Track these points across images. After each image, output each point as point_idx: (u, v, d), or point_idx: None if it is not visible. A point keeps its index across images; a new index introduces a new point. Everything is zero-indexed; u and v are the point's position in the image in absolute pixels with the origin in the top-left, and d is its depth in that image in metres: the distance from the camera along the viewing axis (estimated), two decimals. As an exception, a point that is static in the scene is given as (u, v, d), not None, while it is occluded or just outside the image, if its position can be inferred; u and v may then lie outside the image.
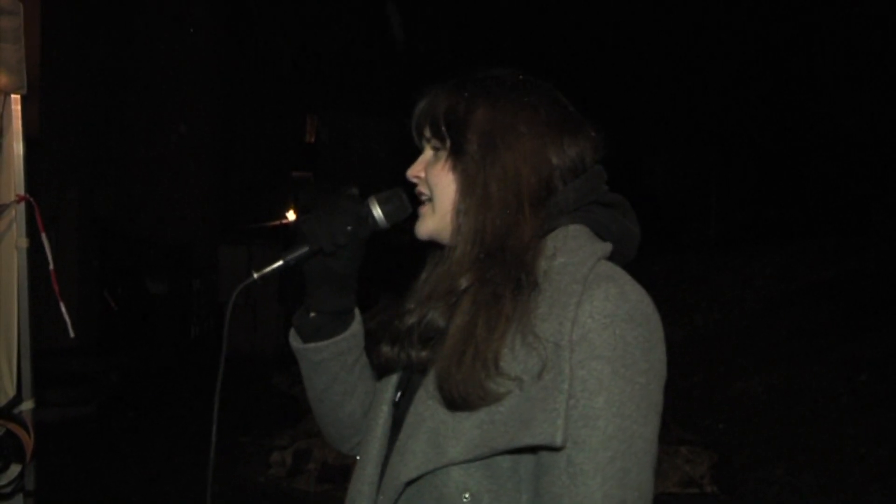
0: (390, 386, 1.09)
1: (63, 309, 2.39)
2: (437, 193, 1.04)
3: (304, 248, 1.07)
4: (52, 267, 2.39)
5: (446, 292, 0.98)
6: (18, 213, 2.46)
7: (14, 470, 2.38)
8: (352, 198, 1.09)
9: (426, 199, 1.07)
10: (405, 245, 1.18)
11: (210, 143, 14.61)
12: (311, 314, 1.13)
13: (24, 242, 2.46)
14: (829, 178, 12.00)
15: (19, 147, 2.47)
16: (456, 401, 0.91)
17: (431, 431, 0.94)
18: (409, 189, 1.11)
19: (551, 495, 0.88)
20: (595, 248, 0.97)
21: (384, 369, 1.09)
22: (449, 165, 1.02)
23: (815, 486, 4.87)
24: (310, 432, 6.01)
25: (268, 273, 1.10)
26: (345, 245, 1.07)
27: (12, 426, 2.34)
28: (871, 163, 11.20)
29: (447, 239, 1.03)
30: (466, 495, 0.91)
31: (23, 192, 2.46)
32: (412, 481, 0.95)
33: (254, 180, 18.39)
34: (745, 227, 12.98)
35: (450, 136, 1.02)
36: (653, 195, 14.53)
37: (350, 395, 1.18)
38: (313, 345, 1.13)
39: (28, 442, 2.36)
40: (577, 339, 0.88)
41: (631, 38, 14.71)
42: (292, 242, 1.09)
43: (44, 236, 2.40)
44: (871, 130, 11.23)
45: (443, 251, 1.05)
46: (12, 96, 2.45)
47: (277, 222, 16.79)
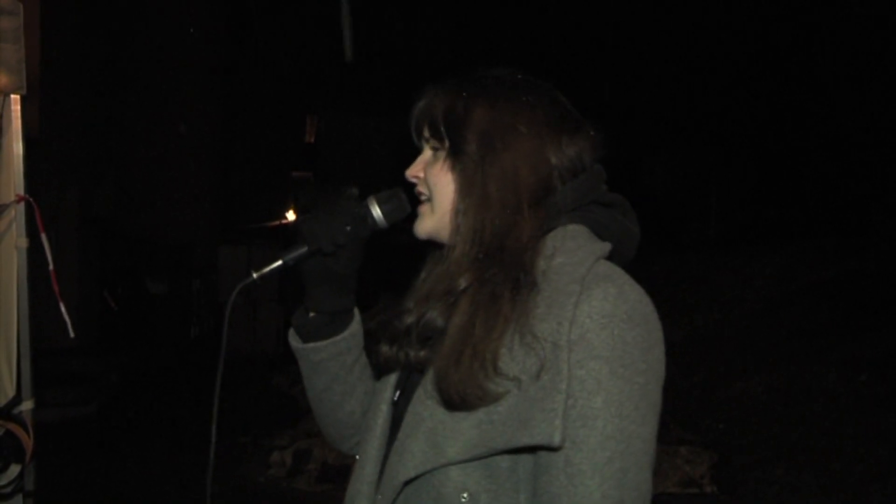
0: (389, 385, 1.09)
1: (63, 309, 2.39)
2: (435, 193, 1.04)
3: (304, 247, 1.07)
4: (51, 267, 2.39)
5: (445, 292, 0.98)
6: (18, 213, 2.46)
7: (14, 470, 2.38)
8: (351, 198, 1.09)
9: (425, 198, 1.07)
10: (405, 245, 1.18)
11: (210, 143, 14.62)
12: (310, 314, 1.13)
13: (24, 242, 2.46)
14: (829, 178, 11.99)
15: (19, 147, 2.46)
16: (454, 401, 0.91)
17: (430, 431, 0.94)
18: (409, 189, 1.11)
19: (549, 495, 0.88)
20: (594, 248, 0.96)
21: (383, 369, 1.09)
22: (448, 165, 1.02)
23: (815, 486, 4.87)
24: (310, 432, 6.00)
25: (267, 273, 1.10)
26: (344, 245, 1.07)
27: (12, 426, 2.34)
28: (871, 163, 11.19)
29: (446, 238, 1.03)
30: (465, 495, 0.91)
31: (22, 192, 2.45)
32: (410, 481, 0.95)
33: (254, 180, 18.39)
34: (745, 227, 12.97)
35: (448, 136, 1.02)
36: (653, 195, 14.51)
37: (349, 394, 1.18)
38: (312, 345, 1.14)
39: (28, 442, 2.35)
40: (576, 339, 0.88)
41: (631, 38, 14.71)
42: (292, 242, 1.09)
43: (43, 236, 2.40)
44: (871, 130, 11.22)
45: (442, 251, 1.05)
46: (12, 96, 2.45)
47: (277, 222, 16.78)
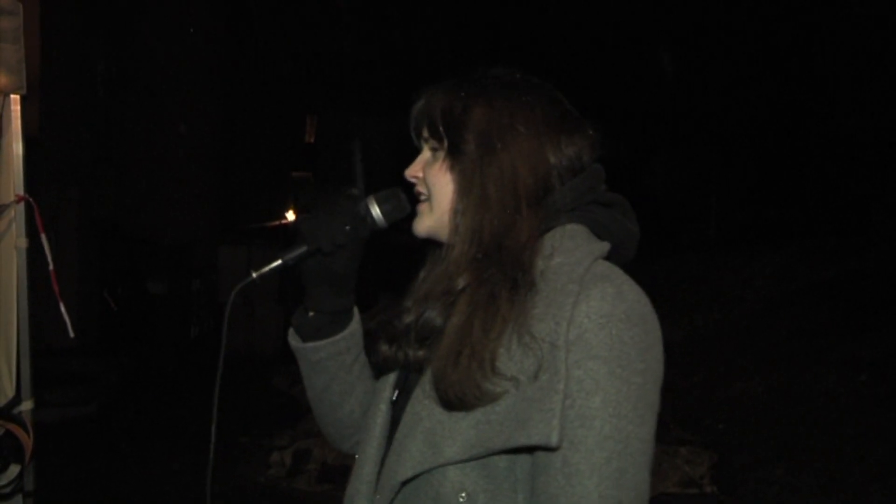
0: (388, 385, 1.09)
1: (63, 309, 2.38)
2: (434, 193, 1.04)
3: (303, 247, 1.07)
4: (51, 267, 2.39)
5: (443, 292, 0.98)
6: (18, 213, 2.45)
7: (13, 470, 2.37)
8: (351, 197, 1.09)
9: (424, 198, 1.07)
10: (404, 245, 1.18)
11: (210, 143, 14.61)
12: (309, 313, 1.14)
13: (24, 242, 2.46)
14: (829, 178, 11.99)
15: (19, 147, 2.46)
16: (452, 401, 0.91)
17: (428, 431, 0.93)
18: (408, 189, 1.10)
19: (547, 496, 0.87)
20: (592, 248, 0.96)
21: (382, 368, 1.09)
22: (446, 165, 1.02)
23: (815, 486, 4.86)
24: (309, 432, 6.00)
25: (267, 273, 1.10)
26: (343, 245, 1.07)
27: (11, 426, 2.34)
28: (871, 163, 11.19)
29: (445, 237, 1.03)
30: (463, 495, 0.91)
31: (22, 193, 2.45)
32: (408, 481, 0.95)
33: (254, 180, 18.39)
34: (745, 227, 12.96)
35: (447, 136, 1.02)
36: (653, 195, 14.52)
37: (349, 394, 1.18)
38: (312, 344, 1.14)
39: (27, 442, 2.35)
40: (574, 339, 0.88)
41: (631, 38, 14.70)
42: (292, 242, 1.09)
43: (43, 237, 2.40)
44: (871, 130, 11.22)
45: (441, 250, 1.05)
46: (12, 96, 2.45)
47: (277, 222, 16.77)
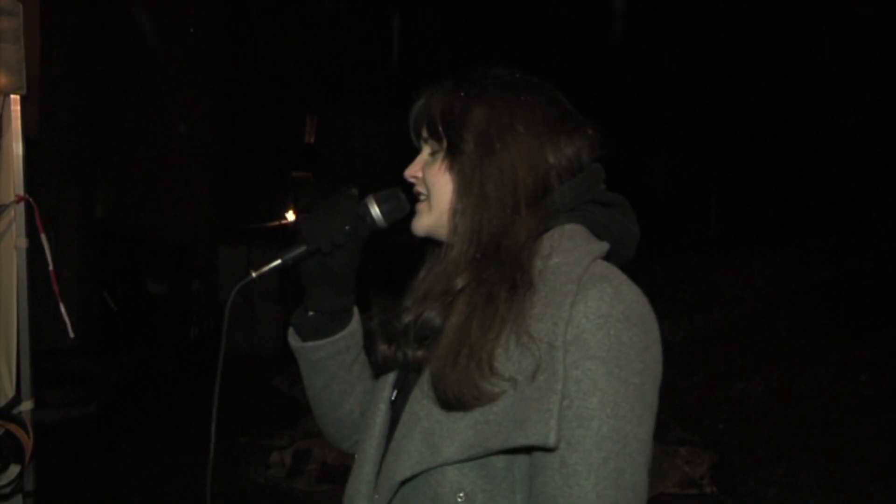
0: (388, 385, 1.09)
1: (63, 309, 2.38)
2: (434, 193, 1.04)
3: (303, 247, 1.08)
4: (51, 267, 2.39)
5: (442, 292, 0.98)
6: (18, 213, 2.45)
7: (13, 470, 2.37)
8: (350, 197, 1.10)
9: (423, 198, 1.07)
10: (404, 245, 1.18)
11: (210, 143, 14.61)
12: (309, 313, 1.14)
13: (24, 243, 2.46)
14: (829, 178, 11.99)
15: (19, 147, 2.46)
16: (450, 401, 0.91)
17: (426, 431, 0.94)
18: (408, 189, 1.10)
19: (545, 496, 0.88)
20: (591, 248, 0.96)
21: (381, 368, 1.09)
22: (446, 166, 1.02)
23: (815, 486, 4.86)
24: (309, 432, 6.00)
25: (266, 272, 1.10)
26: (343, 245, 1.07)
27: (11, 427, 2.34)
28: (871, 163, 11.19)
29: (443, 236, 1.03)
30: (461, 495, 0.91)
31: (22, 193, 2.45)
32: (407, 480, 0.95)
33: (254, 180, 18.39)
34: (745, 227, 12.96)
35: (446, 136, 1.02)
36: (653, 195, 14.52)
37: (349, 393, 1.18)
38: (311, 343, 1.14)
39: (27, 442, 2.35)
40: (572, 340, 0.88)
41: (631, 38, 14.71)
42: (291, 242, 1.09)
43: (43, 237, 2.40)
44: (871, 130, 11.22)
45: (441, 249, 1.05)
46: (12, 96, 2.45)
47: (277, 222, 16.77)
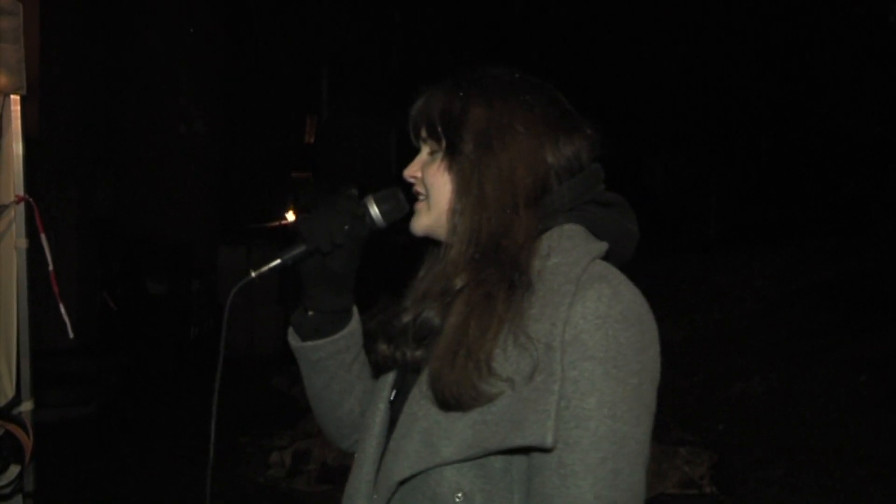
0: (387, 384, 1.09)
1: (62, 309, 2.38)
2: (433, 193, 1.04)
3: (302, 247, 1.08)
4: (51, 267, 2.39)
5: (441, 292, 0.98)
6: (18, 213, 2.46)
7: (13, 471, 2.37)
8: (349, 197, 1.10)
9: (423, 198, 1.07)
10: (404, 245, 1.18)
11: (210, 144, 14.60)
12: (309, 313, 1.14)
13: (24, 243, 2.46)
14: (829, 178, 11.99)
15: (19, 147, 2.46)
16: (448, 401, 0.91)
17: (425, 431, 0.94)
18: (407, 189, 1.10)
19: (543, 496, 0.88)
20: (590, 248, 0.96)
21: (381, 368, 1.09)
22: (444, 166, 1.02)
23: (815, 486, 4.86)
24: (309, 433, 6.00)
25: (265, 272, 1.10)
26: (342, 244, 1.07)
27: (11, 427, 2.34)
28: (871, 163, 11.20)
29: (442, 236, 1.03)
30: (459, 495, 0.91)
31: (22, 193, 2.45)
32: (405, 480, 0.95)
33: (254, 180, 18.38)
34: (745, 228, 12.95)
35: (445, 136, 1.02)
36: (653, 195, 14.52)
37: (348, 393, 1.18)
38: (311, 343, 1.14)
39: (27, 443, 2.35)
40: (569, 340, 0.88)
41: (631, 39, 14.71)
42: (291, 242, 1.10)
43: (43, 237, 2.40)
44: (871, 130, 11.22)
45: (439, 249, 1.05)
46: (12, 96, 2.45)
47: (277, 223, 16.77)
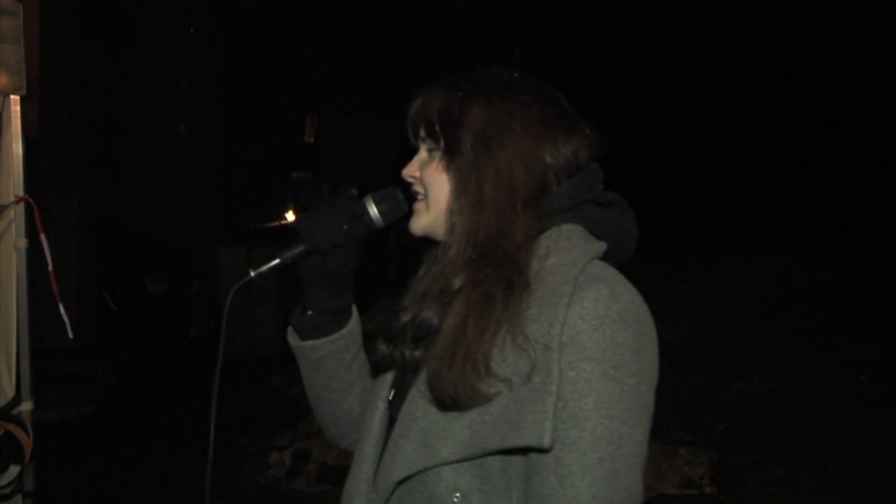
0: (386, 384, 1.09)
1: (62, 309, 2.38)
2: (431, 193, 1.04)
3: (301, 246, 1.08)
4: (51, 267, 2.39)
5: (440, 292, 0.98)
6: (18, 213, 2.45)
7: (13, 471, 2.37)
8: (348, 197, 1.10)
9: (421, 198, 1.07)
10: (405, 245, 1.18)
11: (210, 143, 14.62)
12: (308, 312, 1.14)
13: (24, 243, 2.46)
14: (829, 178, 11.99)
15: (19, 147, 2.46)
16: (446, 401, 0.91)
17: (423, 431, 0.94)
18: (406, 188, 1.10)
19: (540, 496, 0.88)
20: (588, 248, 0.96)
21: (380, 367, 1.09)
22: (443, 165, 1.02)
23: (815, 486, 4.86)
24: (309, 433, 6.01)
25: (265, 271, 1.10)
26: (341, 244, 1.07)
27: (11, 427, 2.34)
28: (871, 163, 11.20)
29: (441, 235, 1.03)
30: (457, 495, 0.91)
31: (22, 193, 2.45)
32: (404, 480, 0.95)
33: (254, 180, 18.40)
34: (745, 228, 12.96)
35: (444, 136, 1.02)
36: (653, 195, 14.52)
37: (348, 392, 1.18)
38: (310, 342, 1.14)
39: (27, 443, 2.35)
40: (567, 341, 0.88)
41: (631, 38, 14.70)
42: (290, 241, 1.10)
43: (43, 237, 2.39)
44: (871, 130, 11.22)
45: (438, 249, 1.05)
46: (12, 97, 2.45)
47: (277, 223, 16.78)
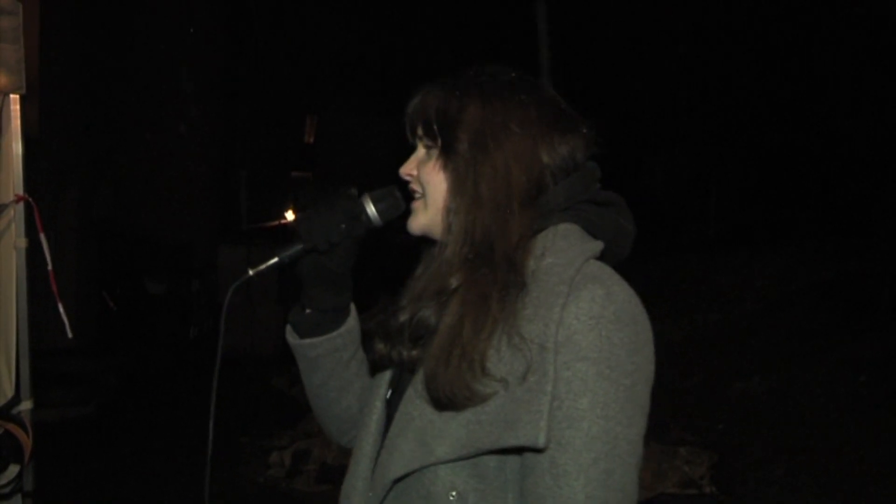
0: (384, 382, 1.10)
1: (61, 309, 2.38)
2: (429, 191, 1.04)
3: (299, 245, 1.08)
4: (50, 267, 2.39)
5: (437, 291, 0.98)
6: (17, 213, 2.46)
7: (13, 470, 2.37)
8: (347, 196, 1.10)
9: (419, 196, 1.07)
10: (404, 244, 1.18)
11: (210, 143, 14.61)
12: (306, 311, 1.14)
13: (23, 242, 2.46)
14: (829, 178, 11.99)
15: (18, 147, 2.46)
16: (443, 401, 0.91)
17: (419, 430, 0.94)
18: (404, 187, 1.10)
19: (535, 496, 0.88)
20: (584, 248, 0.96)
21: (378, 366, 1.09)
22: (440, 164, 1.02)
23: (815, 486, 4.86)
24: (309, 433, 6.00)
25: (263, 270, 1.10)
26: (339, 243, 1.07)
27: (11, 427, 2.34)
28: (871, 163, 11.20)
29: (439, 234, 1.03)
30: (453, 493, 0.91)
31: (22, 192, 2.45)
32: (400, 479, 0.95)
33: (254, 180, 18.40)
34: (745, 228, 12.96)
35: (441, 135, 1.02)
36: (653, 195, 14.52)
37: (346, 390, 1.18)
38: (308, 341, 1.14)
39: (27, 442, 2.35)
40: (563, 341, 0.88)
41: (631, 38, 14.71)
42: (289, 240, 1.10)
43: (42, 237, 2.40)
44: (871, 130, 11.22)
45: (436, 248, 1.05)
46: (11, 96, 2.45)
47: (276, 222, 16.79)
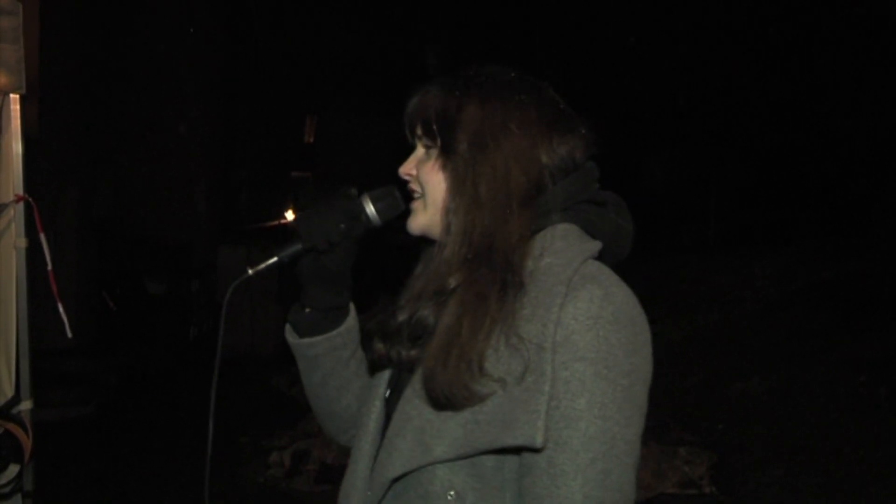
0: (383, 382, 1.10)
1: (61, 309, 2.38)
2: (428, 191, 1.04)
3: (298, 244, 1.08)
4: (50, 267, 2.39)
5: (436, 291, 0.98)
6: (17, 213, 2.46)
7: (12, 470, 2.37)
8: (346, 196, 1.10)
9: (418, 196, 1.07)
10: (404, 244, 1.18)
11: (210, 144, 14.61)
12: (306, 310, 1.14)
13: (23, 242, 2.46)
14: (829, 178, 11.99)
15: (18, 147, 2.47)
16: (441, 400, 0.91)
17: (417, 430, 0.94)
18: (403, 186, 1.10)
19: (533, 496, 0.88)
20: (583, 248, 0.96)
21: (376, 365, 1.10)
22: (439, 164, 1.02)
23: (815, 486, 4.86)
24: (308, 433, 6.00)
25: (263, 269, 1.10)
26: (338, 243, 1.07)
27: (11, 426, 2.34)
28: (871, 163, 11.20)
29: (438, 234, 1.03)
30: (451, 493, 0.91)
31: (21, 192, 2.45)
32: (399, 478, 0.95)
33: (254, 180, 18.40)
34: (745, 228, 12.97)
35: (440, 135, 1.02)
36: (652, 196, 14.52)
37: (345, 389, 1.19)
38: (308, 340, 1.15)
39: (26, 442, 2.35)
40: (561, 341, 0.88)
41: (631, 38, 14.71)
42: (288, 240, 1.10)
43: (42, 236, 2.40)
44: (871, 130, 11.22)
45: (435, 248, 1.05)
46: (11, 96, 2.45)
47: (276, 222, 16.78)
